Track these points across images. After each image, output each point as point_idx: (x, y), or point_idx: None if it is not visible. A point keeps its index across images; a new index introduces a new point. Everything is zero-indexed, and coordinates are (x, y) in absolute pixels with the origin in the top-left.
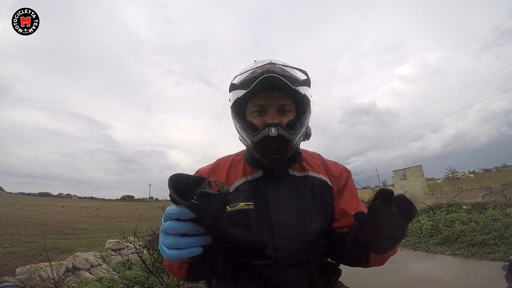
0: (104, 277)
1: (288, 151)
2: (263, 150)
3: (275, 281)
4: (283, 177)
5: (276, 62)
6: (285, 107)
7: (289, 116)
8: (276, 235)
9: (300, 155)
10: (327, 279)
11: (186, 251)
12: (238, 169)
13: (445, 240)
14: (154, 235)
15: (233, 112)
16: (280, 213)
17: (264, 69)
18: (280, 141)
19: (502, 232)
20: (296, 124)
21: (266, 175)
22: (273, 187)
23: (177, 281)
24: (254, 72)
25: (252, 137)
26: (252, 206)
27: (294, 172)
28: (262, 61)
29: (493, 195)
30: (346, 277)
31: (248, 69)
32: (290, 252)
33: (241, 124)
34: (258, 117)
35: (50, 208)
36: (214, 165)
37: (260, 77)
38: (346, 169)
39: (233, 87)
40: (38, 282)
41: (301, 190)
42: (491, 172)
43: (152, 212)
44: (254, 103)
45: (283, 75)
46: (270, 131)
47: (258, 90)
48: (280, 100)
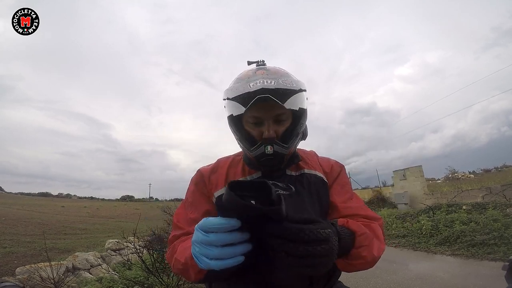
0: (104, 277)
1: (284, 161)
2: (260, 164)
3: (275, 281)
4: (281, 178)
5: (270, 80)
6: (281, 116)
7: (285, 124)
8: None
9: (298, 157)
10: (327, 280)
11: (231, 260)
12: (237, 169)
13: (445, 240)
14: (154, 235)
15: (230, 123)
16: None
17: (258, 87)
18: (276, 157)
19: (502, 232)
20: (292, 135)
21: (264, 176)
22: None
23: (177, 281)
24: (249, 88)
25: (249, 151)
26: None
27: (291, 172)
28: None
29: (493, 195)
30: (346, 277)
31: (244, 83)
32: None
33: (238, 135)
34: (255, 128)
35: (50, 208)
36: (215, 165)
37: (254, 97)
38: (338, 163)
39: (228, 98)
40: (38, 282)
41: (298, 188)
42: (491, 172)
43: (152, 212)
44: (250, 114)
45: (277, 91)
46: (266, 149)
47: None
48: (275, 110)
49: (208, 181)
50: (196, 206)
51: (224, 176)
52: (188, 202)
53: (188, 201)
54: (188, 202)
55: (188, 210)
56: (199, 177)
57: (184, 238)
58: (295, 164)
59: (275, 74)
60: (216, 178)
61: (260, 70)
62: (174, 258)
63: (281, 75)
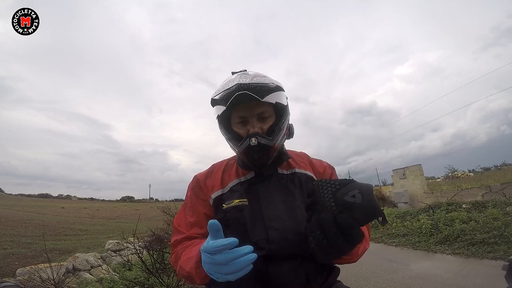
0: (104, 278)
1: (270, 154)
2: (248, 158)
3: (271, 277)
4: (273, 176)
5: (245, 80)
6: (264, 114)
7: (269, 121)
8: (268, 227)
9: (286, 154)
10: (325, 278)
11: (243, 272)
12: (231, 172)
13: (445, 239)
14: (154, 236)
15: (219, 125)
16: (271, 208)
17: (235, 87)
18: (261, 149)
19: (502, 231)
20: (275, 129)
21: (257, 176)
22: (263, 185)
23: (177, 281)
24: (229, 89)
25: (237, 147)
26: (247, 202)
27: (283, 171)
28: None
29: (492, 194)
30: (346, 277)
31: (223, 86)
32: (283, 244)
33: (227, 135)
34: (242, 127)
35: (50, 209)
36: (210, 170)
37: (233, 96)
38: (330, 165)
39: (213, 102)
40: (38, 283)
41: (290, 186)
42: (491, 170)
43: (151, 213)
44: (236, 115)
45: (253, 89)
46: (251, 141)
47: (234, 106)
48: (258, 109)
49: (204, 186)
50: (194, 210)
51: (219, 179)
52: (187, 207)
53: (187, 205)
54: (187, 207)
55: (188, 214)
56: (195, 183)
57: (186, 243)
58: (285, 161)
59: (251, 75)
60: (211, 182)
61: (239, 74)
62: (179, 266)
63: (257, 75)
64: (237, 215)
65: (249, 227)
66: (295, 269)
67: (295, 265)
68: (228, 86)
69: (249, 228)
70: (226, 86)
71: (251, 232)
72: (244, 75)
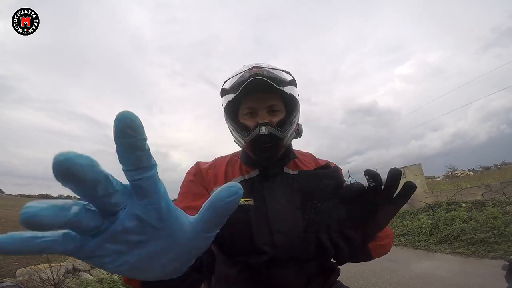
0: (104, 278)
1: (279, 148)
2: (256, 149)
3: (273, 280)
4: (278, 175)
5: (262, 65)
6: (275, 107)
7: (279, 115)
8: (274, 231)
9: (293, 152)
10: (325, 279)
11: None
12: (235, 167)
13: (445, 238)
14: None
15: (226, 115)
16: (276, 209)
17: (252, 72)
18: (271, 139)
19: (502, 230)
20: (286, 122)
21: (262, 174)
22: (268, 185)
23: None
24: (242, 76)
25: (245, 137)
26: (252, 203)
27: (289, 170)
28: (249, 65)
29: (492, 193)
30: (346, 277)
31: (236, 73)
32: (287, 247)
33: (234, 126)
34: (250, 118)
35: None
36: (213, 162)
37: (248, 80)
38: (336, 166)
39: (223, 91)
40: (38, 284)
41: (295, 187)
42: (491, 170)
43: None
44: (245, 105)
45: (269, 77)
46: (261, 129)
47: (247, 93)
48: (269, 101)
49: (205, 175)
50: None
51: (223, 173)
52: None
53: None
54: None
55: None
56: (197, 169)
57: None
58: (292, 160)
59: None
60: (214, 174)
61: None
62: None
63: (274, 68)
64: (242, 215)
65: (254, 230)
66: (297, 271)
67: (297, 267)
68: (243, 70)
69: (254, 231)
70: (239, 72)
71: (256, 235)
72: (260, 65)
